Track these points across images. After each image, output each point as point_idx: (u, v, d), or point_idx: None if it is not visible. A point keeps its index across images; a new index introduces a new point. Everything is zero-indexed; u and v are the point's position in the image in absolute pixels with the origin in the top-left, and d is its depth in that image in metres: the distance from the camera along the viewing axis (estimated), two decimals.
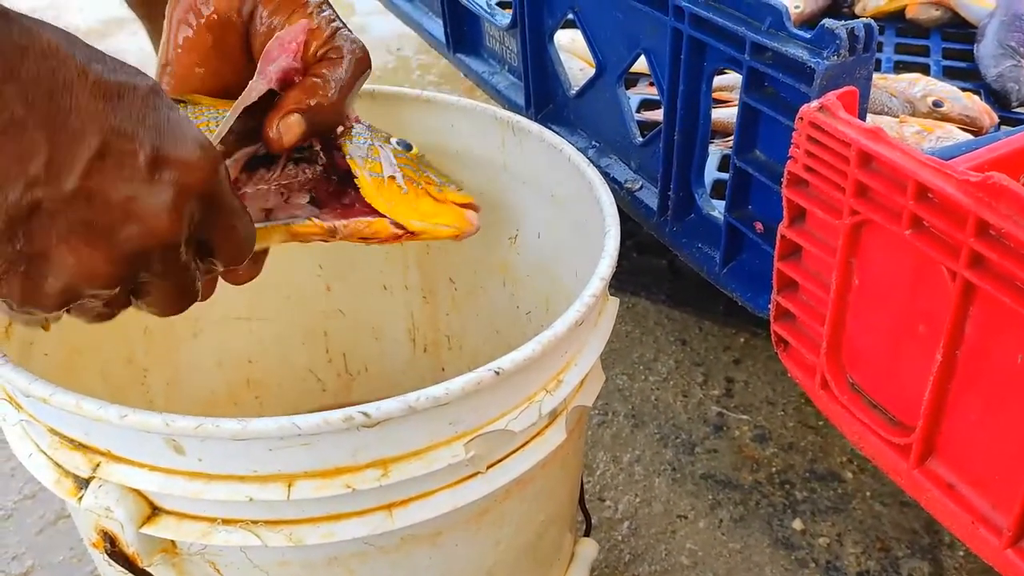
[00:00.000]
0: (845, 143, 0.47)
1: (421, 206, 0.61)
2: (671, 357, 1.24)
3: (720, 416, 1.14)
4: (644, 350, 1.25)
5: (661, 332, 1.28)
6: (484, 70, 0.98)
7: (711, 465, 1.06)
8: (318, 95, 0.56)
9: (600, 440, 1.11)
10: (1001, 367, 0.43)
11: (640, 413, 1.15)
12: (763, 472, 1.05)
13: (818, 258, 0.53)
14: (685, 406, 1.16)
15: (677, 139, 0.66)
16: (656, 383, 1.20)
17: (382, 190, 0.60)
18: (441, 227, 0.61)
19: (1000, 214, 0.40)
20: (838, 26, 0.51)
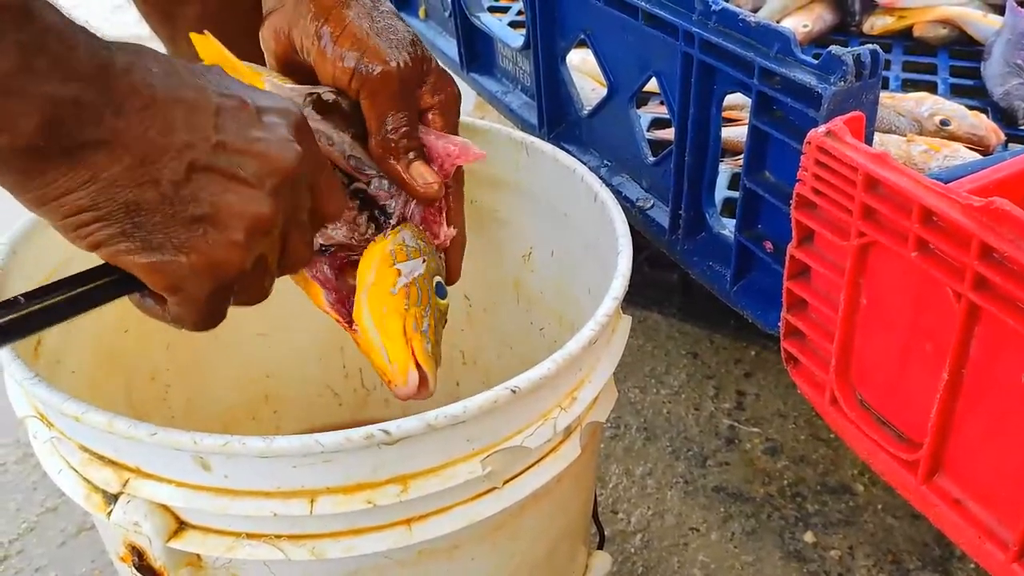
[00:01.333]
0: (852, 167, 0.48)
1: (388, 320, 0.56)
2: (683, 370, 1.25)
3: (732, 429, 1.14)
4: (656, 363, 1.27)
5: (673, 346, 1.29)
6: (497, 89, 1.00)
7: (723, 478, 1.07)
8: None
9: (613, 453, 1.12)
10: (1005, 385, 0.44)
11: (652, 426, 1.16)
12: (775, 485, 1.06)
13: (827, 278, 0.54)
14: (697, 419, 1.17)
15: (688, 159, 0.68)
16: (668, 396, 1.21)
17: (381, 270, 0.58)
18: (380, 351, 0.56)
19: (1002, 238, 0.41)
20: (844, 52, 0.52)
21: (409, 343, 0.56)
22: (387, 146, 0.59)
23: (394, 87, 0.59)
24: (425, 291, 0.59)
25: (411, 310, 0.57)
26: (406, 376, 0.55)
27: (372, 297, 0.57)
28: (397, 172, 0.60)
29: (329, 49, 0.59)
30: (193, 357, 0.81)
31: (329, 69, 0.59)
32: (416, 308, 0.57)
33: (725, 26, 0.60)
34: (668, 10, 0.65)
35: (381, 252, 0.59)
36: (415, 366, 0.55)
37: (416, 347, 0.56)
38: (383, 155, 0.60)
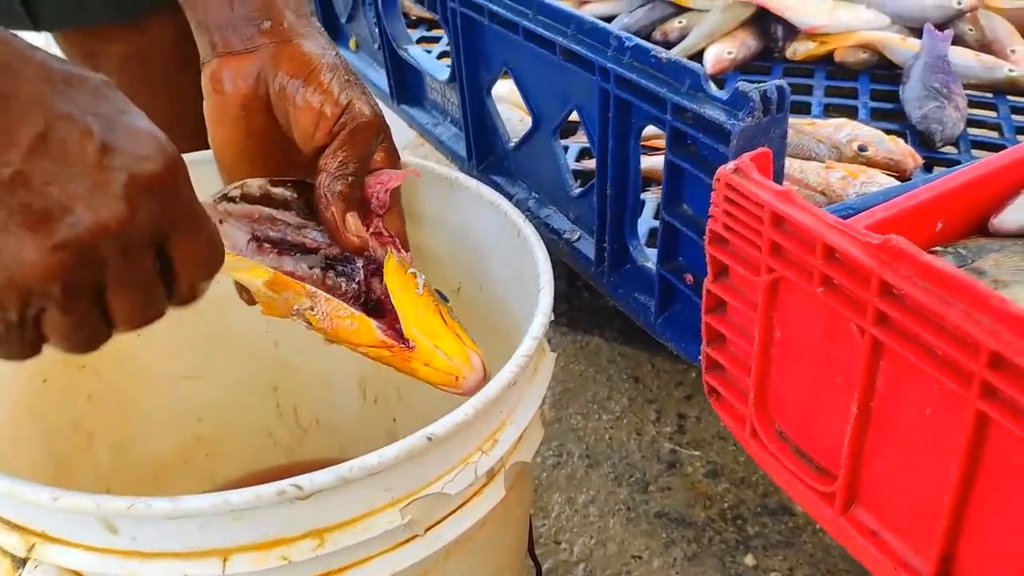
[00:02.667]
0: (759, 204, 0.48)
1: (428, 320, 0.58)
2: (624, 395, 1.25)
3: (673, 453, 1.15)
4: (598, 388, 1.27)
5: (614, 370, 1.30)
6: (427, 121, 0.99)
7: (664, 503, 1.08)
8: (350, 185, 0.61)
9: (556, 482, 1.12)
10: (911, 419, 0.45)
11: (594, 453, 1.16)
12: (715, 508, 1.06)
13: (742, 312, 0.54)
14: (639, 444, 1.17)
15: (609, 192, 0.68)
16: (610, 422, 1.21)
17: (401, 278, 0.60)
18: (439, 353, 0.56)
19: (899, 275, 0.41)
20: (751, 89, 0.53)
21: (454, 332, 0.58)
22: (335, 190, 0.61)
23: (368, 137, 0.62)
24: (437, 297, 0.61)
25: (440, 306, 0.60)
26: (470, 362, 0.57)
27: (407, 304, 0.59)
28: (330, 219, 0.61)
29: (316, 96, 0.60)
30: (117, 405, 0.79)
31: (312, 113, 0.60)
32: (442, 305, 0.60)
33: (639, 62, 0.61)
34: (584, 46, 0.65)
35: (394, 264, 0.61)
36: (475, 352, 0.57)
37: (461, 335, 0.58)
38: (329, 197, 0.61)
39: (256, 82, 0.61)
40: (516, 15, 0.71)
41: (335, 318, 0.58)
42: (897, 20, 1.03)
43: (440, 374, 0.57)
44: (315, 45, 0.63)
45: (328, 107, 0.60)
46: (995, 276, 0.56)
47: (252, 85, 0.62)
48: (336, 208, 0.61)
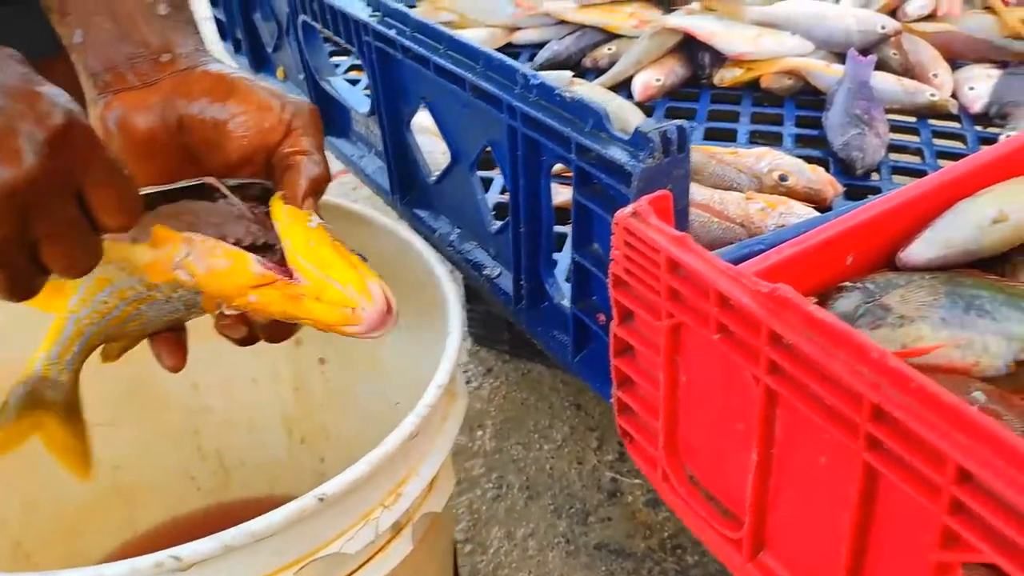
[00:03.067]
0: (655, 249, 0.48)
1: (320, 251, 0.52)
2: (566, 423, 1.24)
3: (614, 482, 1.14)
4: (540, 417, 1.26)
5: (556, 398, 1.29)
6: (353, 153, 0.98)
7: (605, 534, 1.06)
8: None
9: (495, 515, 1.10)
10: (809, 467, 0.44)
11: (535, 484, 1.15)
12: (655, 538, 1.05)
13: (649, 355, 0.53)
14: (580, 473, 1.16)
15: (523, 230, 0.67)
16: (551, 451, 1.20)
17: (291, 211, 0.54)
18: (331, 283, 0.50)
19: (787, 325, 0.41)
20: (651, 129, 0.52)
21: (348, 260, 0.51)
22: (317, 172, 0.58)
23: (319, 122, 0.60)
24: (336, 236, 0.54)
25: (336, 241, 0.53)
26: (368, 290, 0.50)
27: (294, 233, 0.52)
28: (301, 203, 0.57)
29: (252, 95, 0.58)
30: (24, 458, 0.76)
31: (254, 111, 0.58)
32: (339, 242, 0.53)
33: (544, 100, 0.60)
34: (493, 83, 0.64)
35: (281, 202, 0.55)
36: (374, 280, 0.51)
37: (358, 264, 0.52)
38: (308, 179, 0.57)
39: (162, 113, 0.60)
40: (427, 50, 0.70)
41: (210, 258, 0.53)
42: (823, 46, 1.04)
43: (334, 309, 0.50)
44: (221, 66, 0.61)
45: (272, 103, 0.58)
46: (901, 312, 0.56)
47: (158, 117, 0.60)
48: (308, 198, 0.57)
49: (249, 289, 0.52)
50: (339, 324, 0.51)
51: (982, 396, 0.52)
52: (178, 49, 0.60)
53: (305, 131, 0.59)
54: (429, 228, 0.84)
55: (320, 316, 0.51)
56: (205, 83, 0.59)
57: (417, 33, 0.73)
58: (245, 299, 0.53)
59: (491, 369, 1.35)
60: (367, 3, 0.79)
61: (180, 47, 0.61)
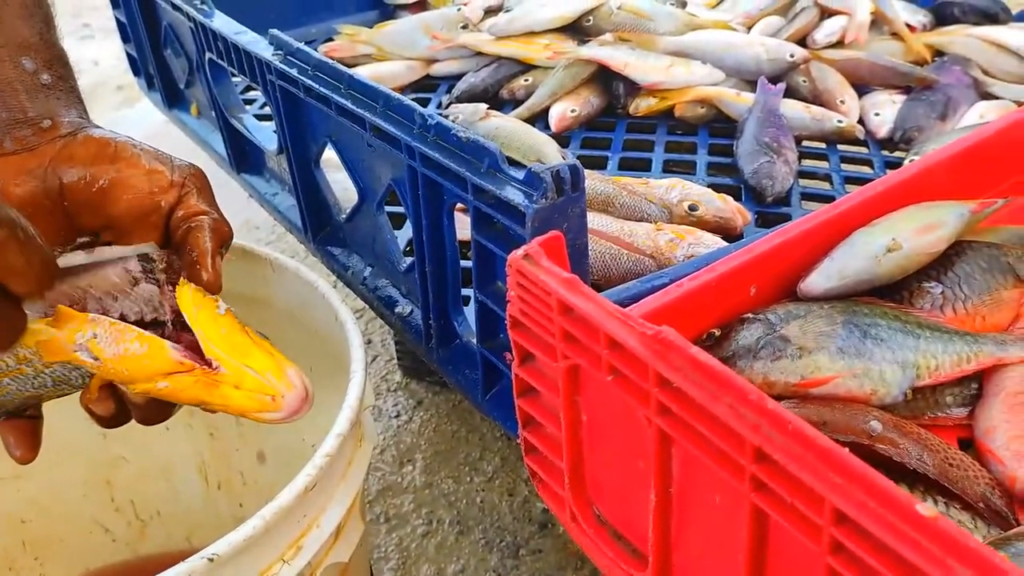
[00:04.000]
0: (547, 292, 0.47)
1: (234, 338, 0.51)
2: (497, 454, 1.23)
3: (545, 512, 1.13)
4: (470, 449, 1.25)
5: (487, 428, 1.28)
6: (266, 191, 0.97)
7: (536, 567, 1.05)
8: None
9: (425, 552, 1.09)
10: (705, 506, 0.44)
11: (465, 518, 1.13)
12: (587, 568, 1.05)
13: (551, 396, 0.53)
14: (511, 505, 1.15)
15: (429, 269, 0.66)
16: (482, 484, 1.19)
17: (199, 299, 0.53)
18: (250, 372, 0.50)
19: (672, 367, 0.40)
20: (543, 169, 0.52)
21: (265, 348, 0.51)
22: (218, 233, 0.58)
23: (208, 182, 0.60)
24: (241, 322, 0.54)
25: (246, 326, 0.53)
26: (287, 377, 0.50)
27: (205, 323, 0.52)
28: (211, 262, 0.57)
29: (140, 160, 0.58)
30: None
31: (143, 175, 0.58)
32: (247, 327, 0.53)
33: (442, 140, 0.59)
34: (392, 123, 0.64)
35: (190, 288, 0.54)
36: (291, 366, 0.51)
37: (272, 349, 0.51)
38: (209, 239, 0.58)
39: (44, 178, 0.58)
40: (329, 89, 0.70)
41: (122, 342, 0.51)
42: (734, 74, 1.06)
43: (253, 396, 0.50)
44: (106, 132, 0.60)
45: (158, 166, 0.58)
46: (800, 343, 0.57)
47: (39, 182, 0.58)
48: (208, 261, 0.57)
49: (162, 376, 0.51)
50: (256, 411, 0.50)
51: (878, 425, 0.52)
52: (60, 117, 0.60)
53: (199, 192, 0.59)
54: (342, 266, 0.83)
55: (238, 403, 0.50)
56: (90, 147, 0.59)
57: (319, 72, 0.72)
58: (153, 384, 0.52)
59: (421, 401, 1.34)
60: (270, 42, 0.78)
61: (62, 115, 0.60)
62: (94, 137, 0.60)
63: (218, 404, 0.51)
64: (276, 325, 0.74)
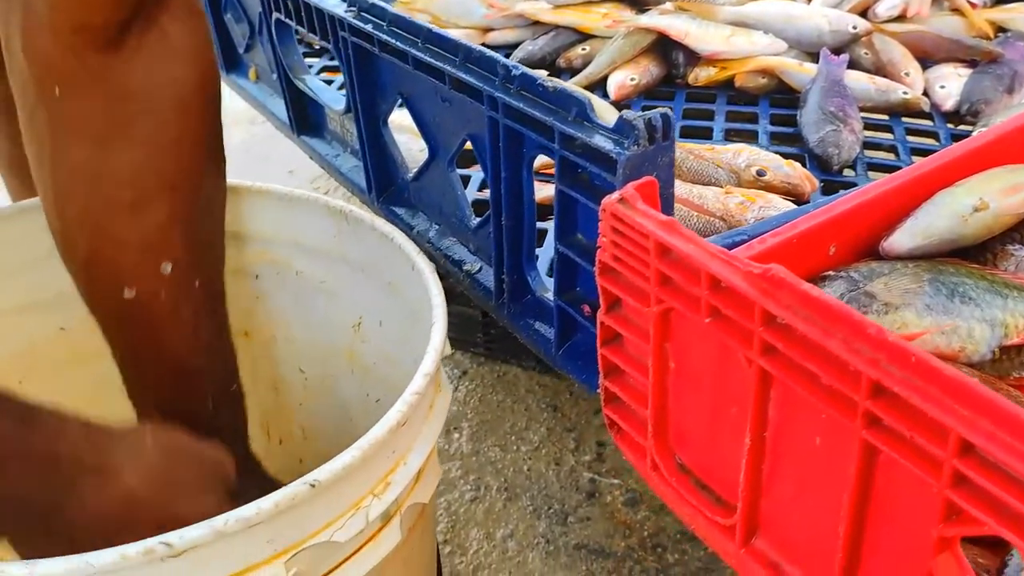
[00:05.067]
0: (644, 235, 0.48)
1: None
2: (543, 425, 1.24)
3: (592, 482, 1.14)
4: (516, 419, 1.25)
5: (532, 399, 1.28)
6: (328, 152, 0.97)
7: (584, 534, 1.06)
8: None
9: (473, 517, 1.09)
10: (804, 449, 0.44)
11: (513, 485, 1.14)
12: (635, 537, 1.05)
13: (637, 343, 0.53)
14: (558, 474, 1.15)
15: (505, 223, 0.66)
16: (528, 452, 1.19)
17: None
18: None
19: (781, 305, 0.41)
20: (636, 117, 0.52)
21: None
22: None
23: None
24: None
25: None
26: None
27: None
28: None
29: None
30: None
31: None
32: None
33: (526, 90, 0.60)
34: (473, 75, 0.64)
35: None
36: None
37: None
38: None
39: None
40: (405, 44, 0.70)
41: None
42: (795, 45, 1.05)
43: None
44: None
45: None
46: (886, 299, 0.56)
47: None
48: None
49: None
50: None
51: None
52: None
53: None
54: (407, 225, 0.83)
55: None
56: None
57: (394, 27, 0.72)
58: None
59: (466, 372, 1.34)
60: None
61: None
62: None
63: None
64: (348, 278, 0.75)
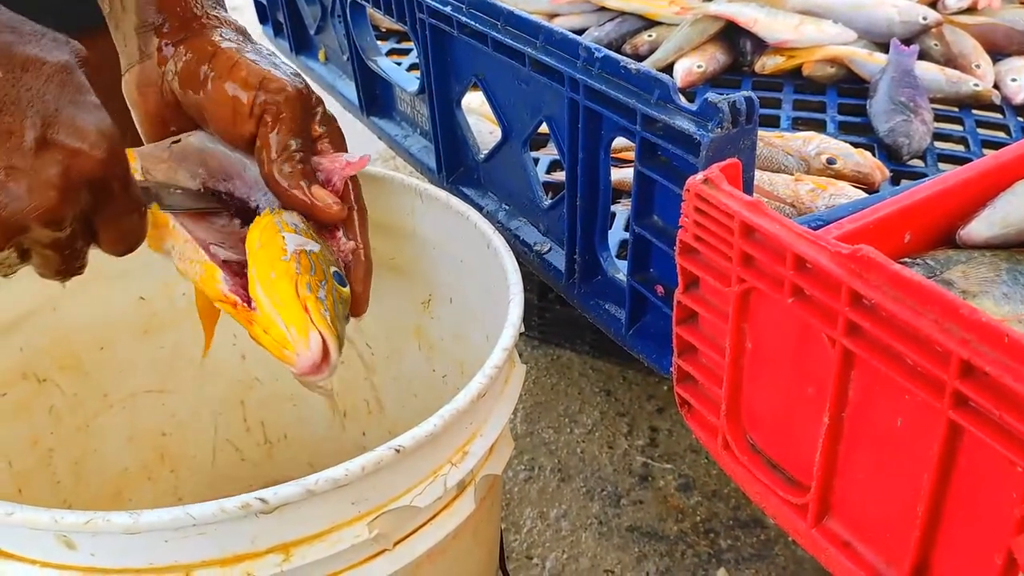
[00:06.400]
0: (728, 215, 0.48)
1: (279, 285, 0.52)
2: (596, 408, 1.25)
3: (645, 466, 1.15)
4: (569, 402, 1.26)
5: (586, 383, 1.29)
6: (397, 133, 0.99)
7: (637, 517, 1.07)
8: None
9: (527, 496, 1.11)
10: (883, 429, 0.44)
11: (566, 467, 1.15)
12: (688, 521, 1.06)
13: (714, 323, 0.54)
14: (611, 457, 1.17)
15: (580, 204, 0.67)
16: (582, 435, 1.20)
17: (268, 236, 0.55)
18: (277, 321, 0.51)
19: (869, 284, 0.41)
20: (721, 99, 0.53)
21: (303, 304, 0.51)
22: (289, 172, 0.58)
23: (296, 111, 0.58)
24: (319, 268, 0.54)
25: (303, 276, 0.53)
26: (307, 339, 0.50)
27: (260, 262, 0.53)
28: (299, 198, 0.58)
29: (225, 84, 0.58)
30: (78, 420, 0.77)
31: (226, 102, 0.58)
32: (310, 277, 0.53)
33: (608, 73, 0.60)
34: (554, 56, 0.65)
35: (267, 221, 0.56)
36: (315, 329, 0.50)
37: (312, 309, 0.51)
38: (286, 181, 0.58)
39: (160, 87, 0.60)
40: (485, 26, 0.71)
41: (188, 261, 0.55)
42: (864, 35, 1.05)
43: (275, 345, 0.51)
44: (215, 34, 0.60)
45: (241, 92, 0.57)
46: (963, 287, 0.57)
47: (157, 92, 0.60)
48: (298, 190, 0.58)
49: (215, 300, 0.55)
50: (277, 358, 0.52)
51: None
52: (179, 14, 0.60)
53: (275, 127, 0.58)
54: (476, 206, 0.84)
55: (264, 344, 0.53)
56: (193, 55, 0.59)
57: (474, 9, 0.73)
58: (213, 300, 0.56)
59: (520, 354, 1.35)
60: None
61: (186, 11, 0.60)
62: (199, 43, 0.59)
63: (252, 337, 0.54)
64: (419, 256, 0.77)
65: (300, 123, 0.59)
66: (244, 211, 0.61)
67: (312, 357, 0.50)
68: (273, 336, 0.51)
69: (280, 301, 0.51)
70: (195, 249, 0.55)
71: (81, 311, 0.77)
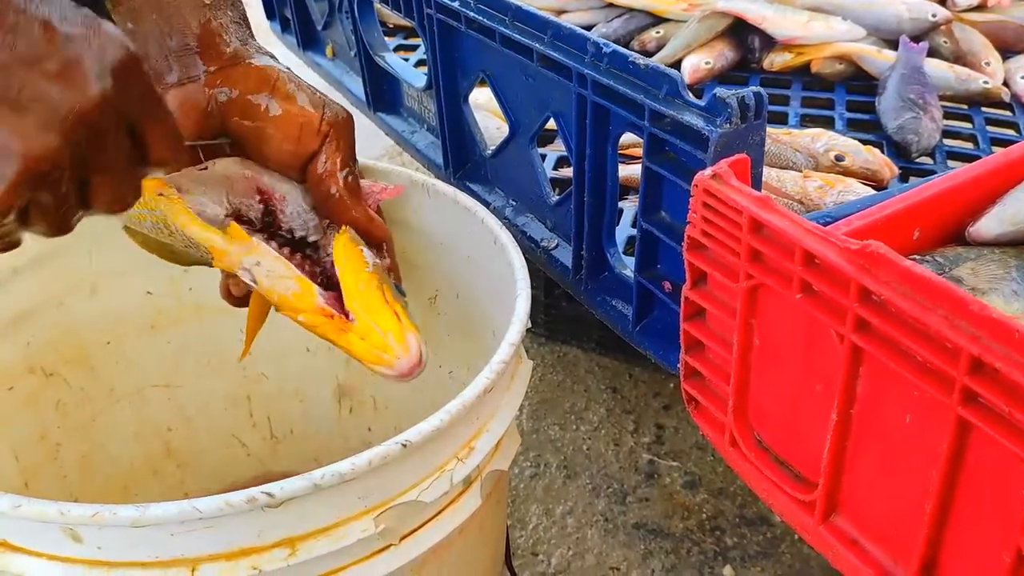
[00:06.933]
0: (737, 210, 0.48)
1: (369, 295, 0.56)
2: (602, 405, 1.25)
3: (651, 463, 1.14)
4: (576, 399, 1.26)
5: (592, 380, 1.29)
6: (404, 129, 0.99)
7: (643, 514, 1.07)
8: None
9: (533, 493, 1.11)
10: (892, 426, 0.44)
11: (572, 464, 1.15)
12: (694, 519, 1.06)
13: (721, 319, 0.54)
14: (617, 455, 1.16)
15: (587, 199, 0.67)
16: (588, 432, 1.20)
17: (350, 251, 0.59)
18: (375, 328, 0.54)
19: (878, 280, 0.41)
20: (729, 95, 0.53)
21: (393, 310, 0.55)
22: (353, 187, 0.62)
23: (352, 134, 0.63)
24: (386, 278, 0.58)
25: (386, 285, 0.57)
26: (406, 341, 0.53)
27: (349, 275, 0.57)
28: (363, 212, 0.62)
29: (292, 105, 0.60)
30: (85, 414, 0.77)
31: (294, 121, 0.60)
32: (388, 286, 0.57)
33: (616, 68, 0.60)
34: (562, 52, 0.65)
35: (346, 238, 0.60)
36: (412, 332, 0.54)
37: (401, 314, 0.55)
38: (349, 196, 0.61)
39: (207, 109, 0.61)
40: (493, 21, 0.71)
41: (278, 278, 0.57)
42: (873, 32, 1.04)
43: (373, 350, 0.54)
44: (265, 61, 0.63)
45: (309, 111, 0.61)
46: (972, 284, 0.56)
47: (202, 113, 0.61)
48: (361, 206, 0.62)
49: (307, 315, 0.56)
50: (372, 363, 0.54)
51: None
52: (222, 45, 0.61)
53: (339, 145, 0.61)
54: (483, 202, 0.84)
55: (358, 351, 0.55)
56: (250, 80, 0.61)
57: (482, 4, 0.73)
58: (295, 315, 0.57)
59: (526, 351, 1.36)
60: None
61: (224, 43, 0.61)
62: (255, 67, 0.61)
63: (341, 346, 0.56)
64: (426, 251, 0.77)
65: (354, 145, 0.63)
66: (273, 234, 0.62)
67: (412, 359, 0.53)
68: (371, 343, 0.54)
69: (375, 309, 0.55)
70: (287, 266, 0.58)
71: (88, 306, 0.78)
